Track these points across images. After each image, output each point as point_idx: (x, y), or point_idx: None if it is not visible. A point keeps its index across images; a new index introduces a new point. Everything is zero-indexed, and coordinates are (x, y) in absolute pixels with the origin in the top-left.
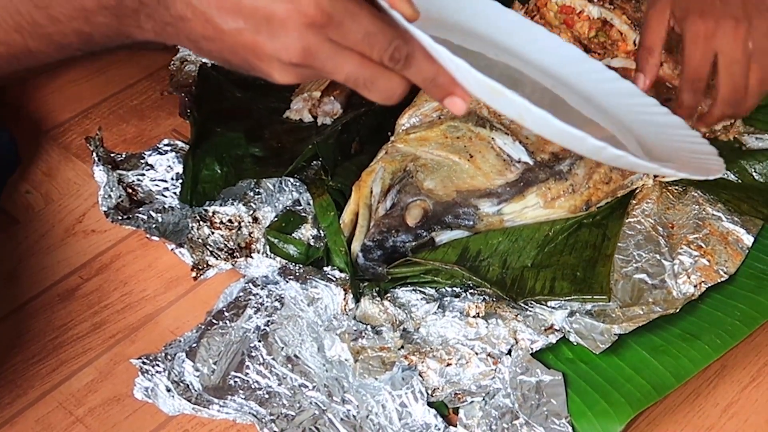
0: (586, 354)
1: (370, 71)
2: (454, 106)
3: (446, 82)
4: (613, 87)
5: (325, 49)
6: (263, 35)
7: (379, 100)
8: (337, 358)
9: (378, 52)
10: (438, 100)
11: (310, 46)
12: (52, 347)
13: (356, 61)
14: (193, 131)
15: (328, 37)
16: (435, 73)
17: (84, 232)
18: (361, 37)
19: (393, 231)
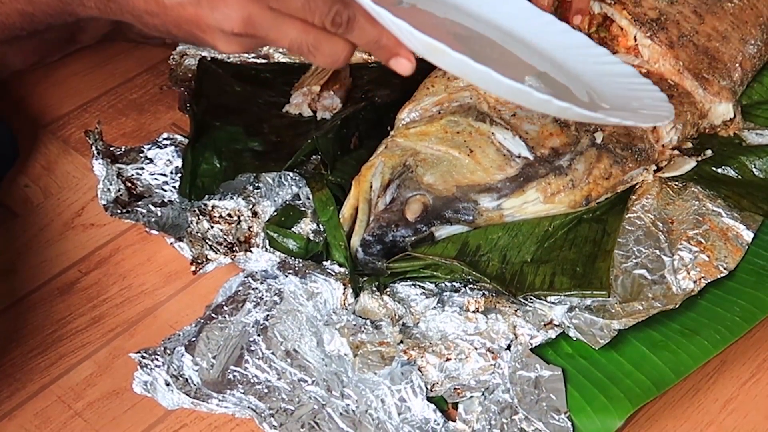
0: (586, 349)
1: (313, 36)
2: (400, 66)
3: (390, 43)
4: (565, 39)
5: (267, 17)
6: (205, 7)
7: (325, 65)
8: (336, 353)
9: (319, 17)
10: (384, 62)
11: (251, 15)
12: (51, 341)
13: (299, 27)
14: (192, 125)
15: (268, 6)
16: (378, 35)
17: (83, 225)
18: (300, 4)
19: (392, 226)
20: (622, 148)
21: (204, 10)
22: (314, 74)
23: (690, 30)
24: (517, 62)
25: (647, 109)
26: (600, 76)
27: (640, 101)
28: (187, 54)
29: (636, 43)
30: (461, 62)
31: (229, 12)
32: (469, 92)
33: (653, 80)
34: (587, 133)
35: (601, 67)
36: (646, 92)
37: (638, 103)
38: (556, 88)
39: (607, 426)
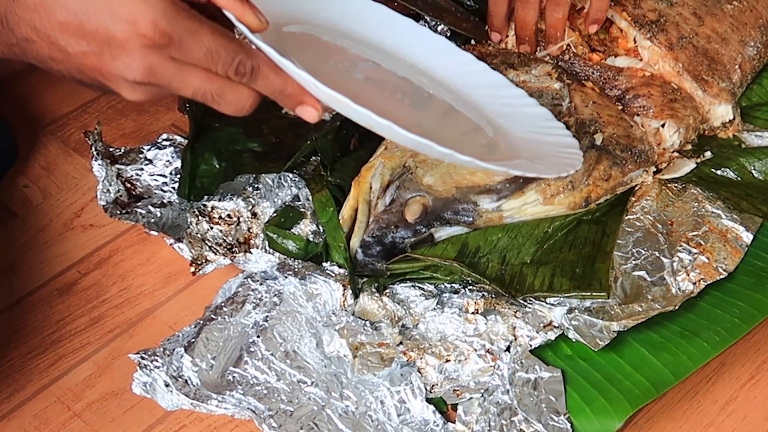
0: (585, 351)
1: (218, 85)
2: (306, 113)
3: (295, 92)
4: (481, 78)
5: (169, 67)
6: (106, 57)
7: (230, 113)
8: (335, 354)
9: (222, 67)
10: (290, 110)
11: (152, 66)
12: (50, 342)
13: (202, 77)
14: (192, 126)
15: (170, 56)
16: (283, 84)
17: (82, 226)
18: (203, 54)
19: (392, 227)
20: (621, 150)
21: (105, 59)
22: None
23: (689, 32)
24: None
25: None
26: (513, 116)
27: (551, 145)
28: None
29: (635, 44)
30: (365, 116)
31: (131, 62)
32: None
33: (656, 83)
34: (587, 134)
35: (517, 109)
36: (559, 137)
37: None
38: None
39: (607, 427)
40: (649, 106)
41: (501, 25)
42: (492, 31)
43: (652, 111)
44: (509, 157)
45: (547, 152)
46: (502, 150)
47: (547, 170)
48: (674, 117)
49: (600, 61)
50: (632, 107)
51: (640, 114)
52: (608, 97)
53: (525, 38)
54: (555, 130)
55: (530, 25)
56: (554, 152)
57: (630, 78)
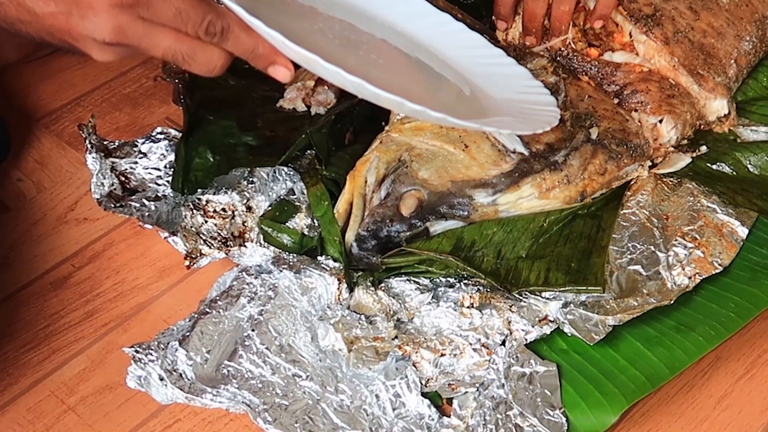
0: (581, 345)
1: (188, 45)
2: (278, 73)
3: (267, 52)
4: (460, 38)
5: (138, 27)
6: (75, 17)
7: (201, 73)
8: (330, 348)
9: (192, 27)
10: (262, 70)
11: (121, 25)
12: (44, 335)
13: (172, 37)
14: (186, 119)
15: (138, 15)
16: (254, 44)
17: (76, 220)
18: (172, 14)
19: (387, 221)
20: (617, 144)
21: (74, 19)
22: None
23: (685, 26)
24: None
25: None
26: (492, 76)
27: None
28: None
29: (631, 39)
30: (335, 73)
31: (99, 21)
32: None
33: (654, 79)
34: (582, 128)
35: (495, 68)
36: (537, 95)
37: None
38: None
39: (602, 422)
40: (647, 101)
41: (507, 13)
42: (498, 19)
43: (650, 107)
44: (487, 116)
45: (525, 110)
46: (479, 109)
47: (523, 127)
48: (672, 113)
49: (598, 56)
50: (630, 103)
51: (638, 110)
52: (604, 92)
53: (532, 30)
54: (534, 89)
55: (538, 17)
56: (532, 111)
57: (628, 73)
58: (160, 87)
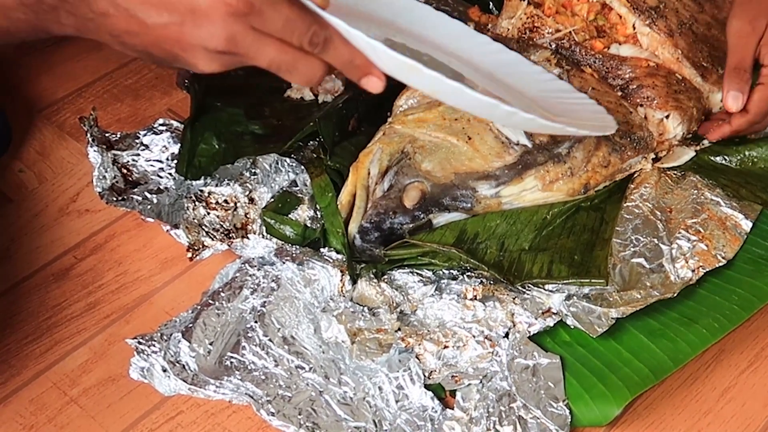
0: (584, 337)
1: (291, 56)
2: (371, 84)
3: (362, 63)
4: (502, 57)
5: (248, 36)
6: (188, 26)
7: (301, 83)
8: (333, 340)
9: (297, 37)
10: (356, 81)
11: (234, 34)
12: (46, 327)
13: (277, 47)
14: (193, 104)
15: (250, 25)
16: (351, 55)
17: (78, 211)
18: (281, 24)
19: (390, 213)
20: (620, 137)
21: (187, 28)
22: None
23: (689, 18)
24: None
25: (592, 121)
26: (541, 92)
27: (583, 113)
28: None
29: (635, 31)
30: (435, 79)
31: (214, 30)
32: None
33: (661, 74)
34: None
35: (540, 84)
36: (585, 105)
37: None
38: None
39: (606, 414)
40: (654, 96)
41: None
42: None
43: (657, 102)
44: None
45: (584, 118)
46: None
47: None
48: (678, 108)
49: (603, 49)
50: (636, 97)
51: (643, 104)
52: (608, 84)
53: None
54: (581, 99)
55: None
56: (590, 118)
57: (634, 68)
58: (161, 78)
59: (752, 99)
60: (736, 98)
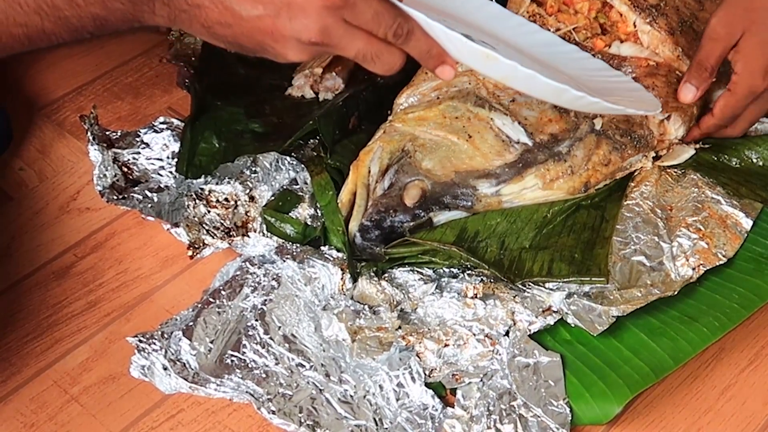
0: (584, 336)
1: (377, 47)
2: (445, 72)
3: (438, 52)
4: (538, 38)
5: (340, 28)
6: (282, 18)
7: (382, 72)
8: (334, 338)
9: (384, 29)
10: (431, 70)
11: (327, 26)
12: (47, 325)
13: (365, 39)
14: (194, 103)
15: (342, 18)
16: (429, 46)
17: (78, 209)
18: (370, 16)
19: (391, 211)
20: (621, 135)
21: (282, 20)
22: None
23: (690, 16)
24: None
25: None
26: (581, 70)
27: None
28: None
29: (635, 29)
30: (509, 67)
31: (308, 22)
32: (467, 77)
33: (661, 73)
34: (586, 119)
35: (578, 62)
36: (624, 83)
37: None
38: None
39: (606, 412)
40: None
41: None
42: None
43: None
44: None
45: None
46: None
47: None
48: (679, 110)
49: (604, 48)
50: None
51: None
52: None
53: None
54: (619, 77)
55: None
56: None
57: (635, 67)
58: (162, 76)
59: (718, 104)
60: (689, 90)
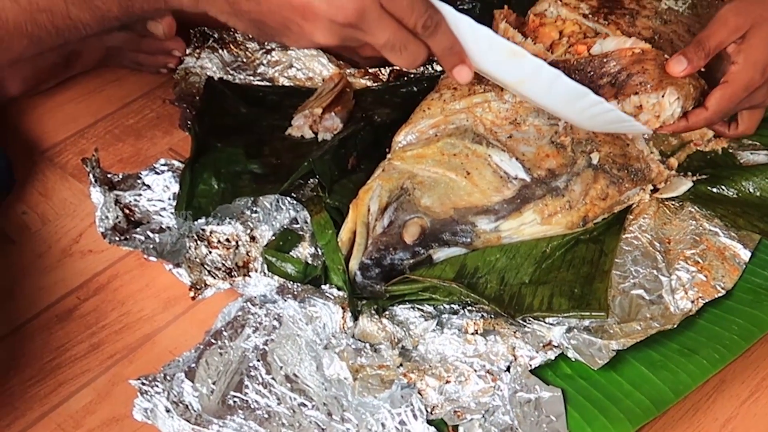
0: (585, 370)
1: (404, 37)
2: (462, 73)
3: (459, 51)
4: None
5: (374, 12)
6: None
7: (405, 65)
8: (336, 377)
9: (415, 18)
10: (448, 69)
11: (364, 8)
12: (50, 368)
13: (395, 26)
14: (193, 145)
15: (379, 1)
16: (451, 42)
17: (81, 252)
18: (406, 3)
19: (390, 249)
20: (618, 169)
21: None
22: (318, 97)
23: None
24: None
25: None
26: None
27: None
28: (192, 72)
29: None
30: (537, 66)
31: (346, 2)
32: (465, 114)
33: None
34: (583, 154)
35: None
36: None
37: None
38: None
39: None
40: (646, 81)
41: None
42: None
43: (650, 85)
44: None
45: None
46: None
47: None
48: (674, 84)
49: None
50: (628, 88)
51: (639, 92)
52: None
53: None
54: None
55: None
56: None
57: (620, 59)
58: (163, 117)
59: (713, 95)
60: (680, 63)
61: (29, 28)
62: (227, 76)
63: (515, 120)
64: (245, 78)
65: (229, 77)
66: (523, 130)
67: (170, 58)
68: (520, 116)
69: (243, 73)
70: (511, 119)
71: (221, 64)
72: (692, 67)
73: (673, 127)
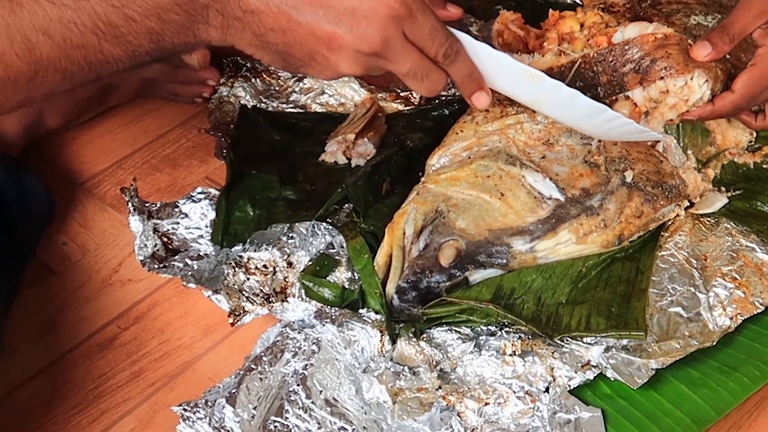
0: (624, 389)
1: (426, 65)
2: (480, 99)
3: (478, 78)
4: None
5: (399, 40)
6: (343, 27)
7: (426, 92)
8: (375, 400)
9: (437, 47)
10: (467, 96)
11: (388, 37)
12: (92, 397)
13: (418, 55)
14: (229, 173)
15: (402, 30)
16: (471, 69)
17: (120, 281)
18: (428, 32)
19: (427, 272)
20: (652, 186)
21: (342, 29)
22: (350, 123)
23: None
24: None
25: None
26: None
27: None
28: (226, 100)
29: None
30: (555, 86)
31: (371, 31)
32: (498, 136)
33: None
34: (617, 172)
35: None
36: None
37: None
38: None
39: None
40: (671, 65)
41: None
42: None
43: (675, 69)
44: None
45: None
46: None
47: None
48: (701, 67)
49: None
50: (653, 72)
51: (664, 77)
52: None
53: None
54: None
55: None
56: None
57: (642, 45)
58: (198, 147)
59: (740, 78)
60: (705, 47)
61: (63, 63)
62: (260, 104)
63: (548, 140)
64: (278, 105)
65: (262, 105)
66: (556, 150)
67: (205, 88)
68: (553, 137)
69: (276, 101)
70: (544, 140)
71: (254, 92)
72: (716, 53)
73: (700, 112)
